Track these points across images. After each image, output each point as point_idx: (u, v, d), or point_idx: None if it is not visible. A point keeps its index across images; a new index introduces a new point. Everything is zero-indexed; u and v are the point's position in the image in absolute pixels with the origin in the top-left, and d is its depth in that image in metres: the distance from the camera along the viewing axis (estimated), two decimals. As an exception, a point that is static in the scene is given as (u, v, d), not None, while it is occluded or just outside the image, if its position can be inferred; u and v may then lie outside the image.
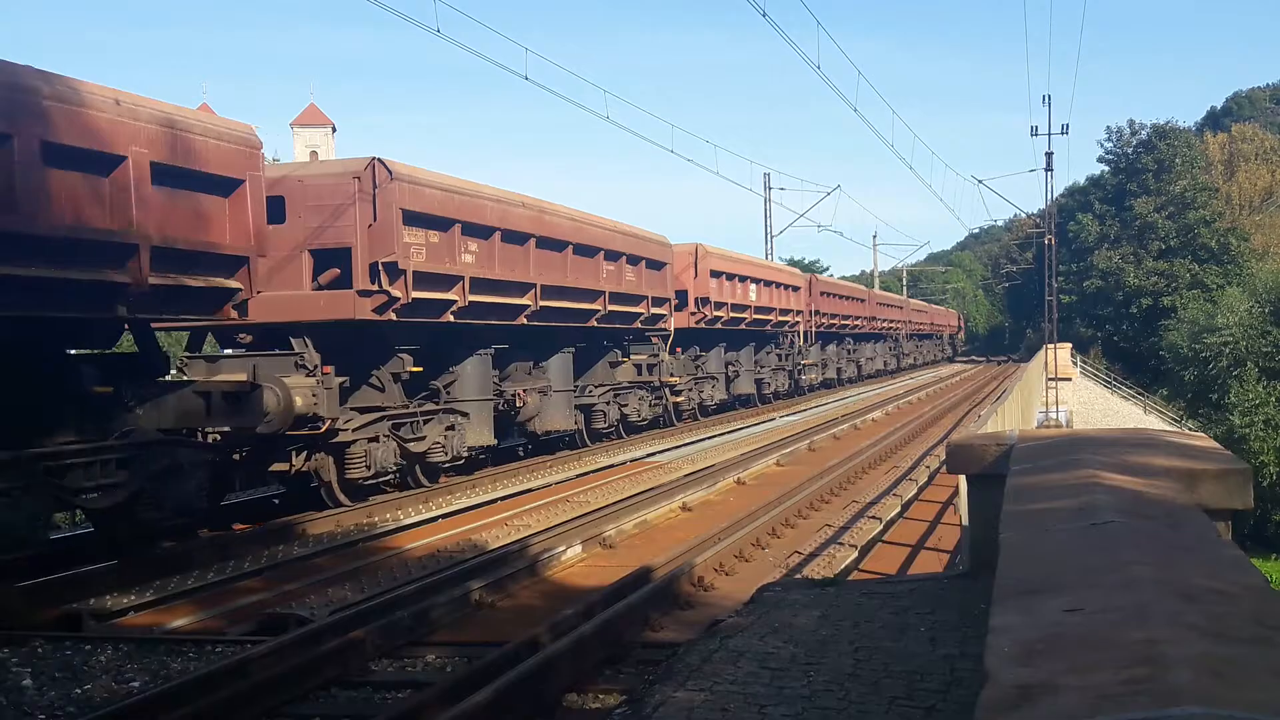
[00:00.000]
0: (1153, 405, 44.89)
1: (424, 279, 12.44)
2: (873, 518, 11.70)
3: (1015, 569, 2.92)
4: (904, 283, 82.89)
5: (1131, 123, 66.67)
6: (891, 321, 50.66)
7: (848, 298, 40.80)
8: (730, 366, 26.82)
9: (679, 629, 7.02)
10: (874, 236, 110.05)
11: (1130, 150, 65.66)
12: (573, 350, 17.44)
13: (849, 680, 4.42)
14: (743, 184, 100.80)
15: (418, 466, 13.46)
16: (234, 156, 9.71)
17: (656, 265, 20.23)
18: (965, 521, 6.68)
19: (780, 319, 29.47)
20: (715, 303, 23.55)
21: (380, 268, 11.91)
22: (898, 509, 12.49)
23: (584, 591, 8.12)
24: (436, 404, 13.63)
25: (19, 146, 7.65)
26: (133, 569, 9.09)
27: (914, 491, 13.85)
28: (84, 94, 8.27)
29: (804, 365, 33.41)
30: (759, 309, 27.08)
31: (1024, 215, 71.57)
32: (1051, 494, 3.96)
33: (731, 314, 24.78)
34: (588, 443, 18.67)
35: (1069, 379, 43.17)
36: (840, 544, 10.23)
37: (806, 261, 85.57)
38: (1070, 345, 49.35)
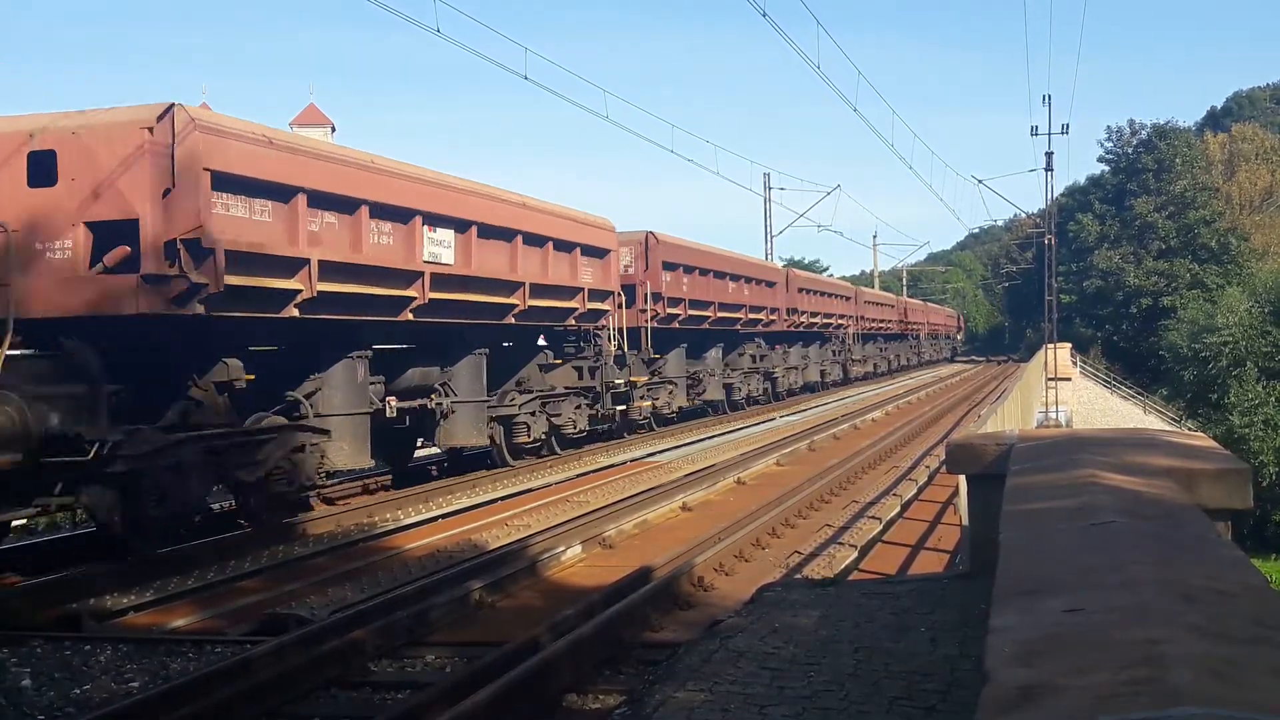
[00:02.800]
0: (1152, 405, 44.90)
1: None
2: (873, 518, 11.70)
3: (1015, 569, 2.92)
4: (904, 283, 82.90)
5: (1131, 123, 66.83)
6: (832, 317, 36.96)
7: (738, 278, 26.10)
8: (400, 399, 13.10)
9: (679, 629, 7.02)
10: (874, 236, 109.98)
11: (1130, 150, 65.73)
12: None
13: (849, 680, 4.42)
14: (743, 184, 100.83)
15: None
16: None
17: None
18: (965, 521, 6.68)
19: (559, 305, 16.16)
20: (328, 263, 10.71)
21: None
22: (897, 509, 12.48)
23: (584, 591, 8.12)
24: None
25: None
26: (132, 569, 9.09)
27: (914, 491, 13.85)
28: None
29: (631, 386, 19.33)
30: (481, 283, 13.71)
31: (1024, 215, 71.69)
32: (1051, 494, 3.96)
33: (379, 290, 11.74)
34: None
35: (1069, 379, 43.17)
36: (840, 544, 10.23)
37: (807, 261, 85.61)
38: (1070, 345, 49.34)
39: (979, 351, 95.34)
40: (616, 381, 18.54)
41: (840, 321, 38.35)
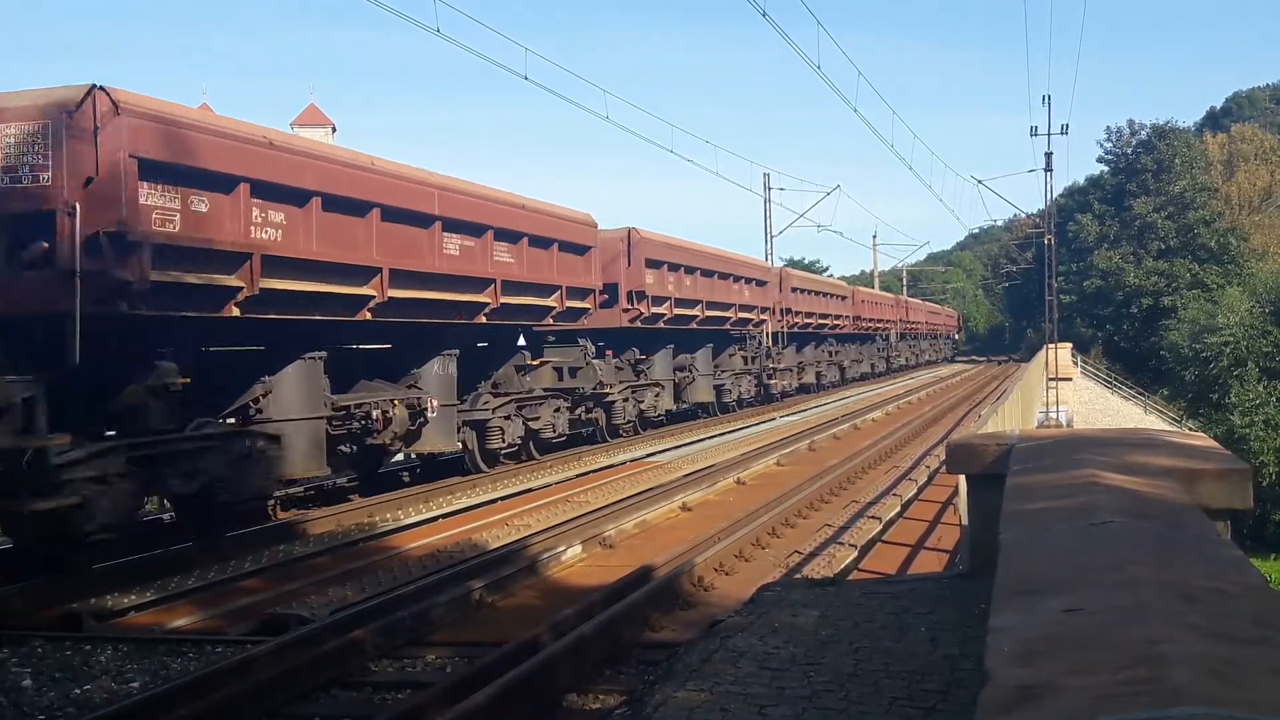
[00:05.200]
0: (1153, 405, 44.90)
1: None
2: (872, 517, 11.70)
3: (1015, 569, 2.92)
4: (904, 282, 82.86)
5: (1131, 123, 66.91)
6: (730, 309, 25.18)
7: (477, 230, 13.88)
8: None
9: (679, 629, 7.02)
10: (874, 236, 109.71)
11: (1130, 150, 65.81)
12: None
13: (849, 680, 4.42)
14: (743, 184, 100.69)
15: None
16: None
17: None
18: (965, 521, 6.68)
19: None
20: None
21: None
22: (897, 509, 12.49)
23: (584, 591, 8.12)
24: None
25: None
26: (133, 569, 9.09)
27: (914, 491, 13.86)
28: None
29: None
30: None
31: (1024, 215, 71.61)
32: (1051, 494, 3.96)
33: None
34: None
35: (1069, 379, 43.14)
36: (840, 544, 10.24)
37: (806, 261, 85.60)
38: (1071, 345, 49.34)
39: (979, 351, 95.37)
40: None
41: (749, 315, 26.83)
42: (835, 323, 37.95)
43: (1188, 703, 1.67)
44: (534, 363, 16.71)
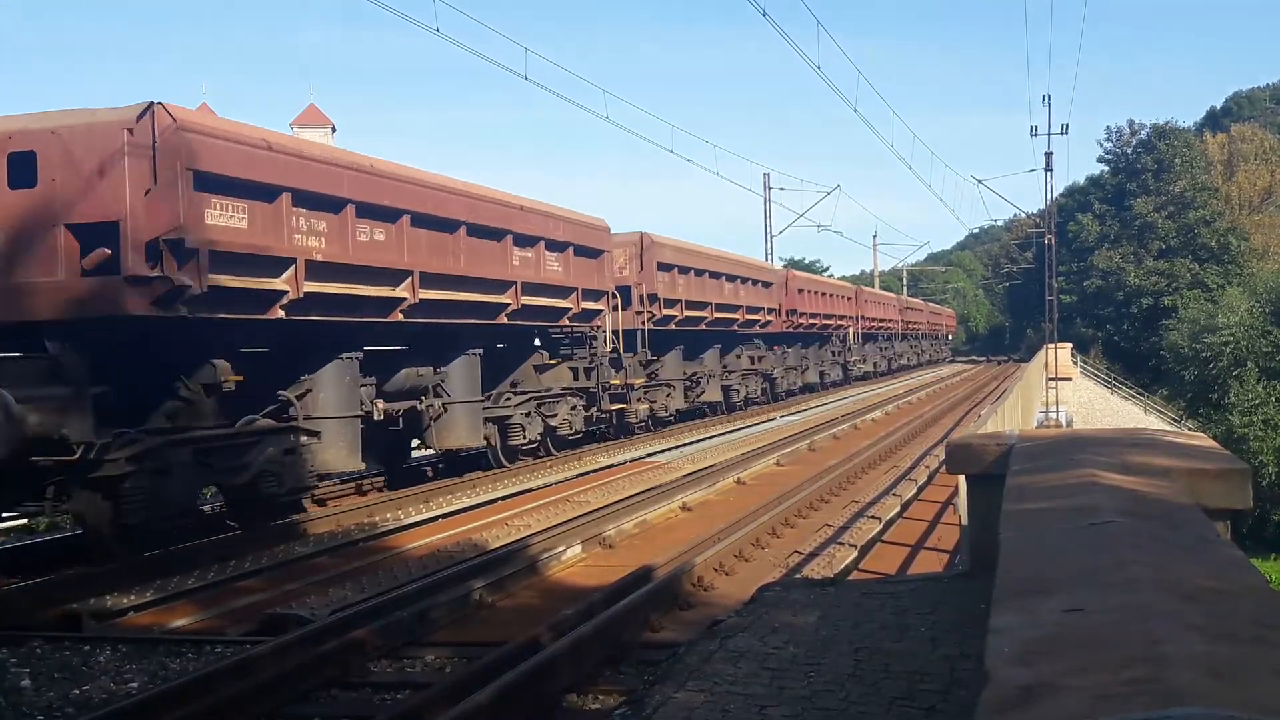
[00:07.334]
0: (1153, 405, 44.92)
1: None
2: (872, 517, 11.70)
3: (1015, 569, 2.92)
4: (904, 283, 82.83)
5: (1131, 123, 66.99)
6: (500, 287, 14.41)
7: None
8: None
9: (679, 629, 7.01)
10: (874, 236, 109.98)
11: (1130, 150, 65.87)
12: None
13: (849, 681, 4.41)
14: (743, 184, 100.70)
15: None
16: None
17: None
18: (965, 521, 6.68)
19: None
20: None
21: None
22: (897, 509, 12.48)
23: (584, 591, 8.12)
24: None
25: None
26: (133, 569, 9.09)
27: (913, 491, 13.85)
28: None
29: None
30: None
31: (1024, 215, 71.59)
32: (1051, 494, 3.96)
33: None
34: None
35: (1069, 379, 43.16)
36: (840, 544, 10.23)
37: (806, 261, 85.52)
38: (1071, 345, 49.36)
39: (979, 351, 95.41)
40: None
41: (562, 303, 16.70)
42: (753, 318, 27.18)
43: (1188, 703, 1.67)
44: None
